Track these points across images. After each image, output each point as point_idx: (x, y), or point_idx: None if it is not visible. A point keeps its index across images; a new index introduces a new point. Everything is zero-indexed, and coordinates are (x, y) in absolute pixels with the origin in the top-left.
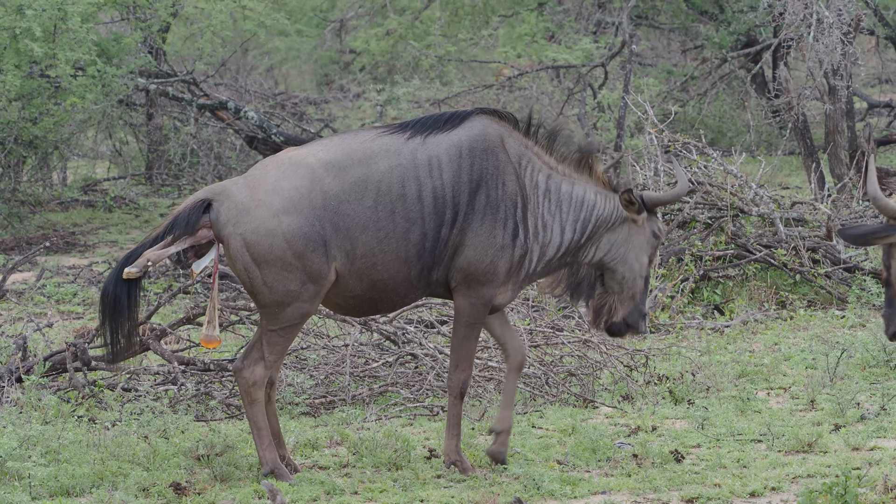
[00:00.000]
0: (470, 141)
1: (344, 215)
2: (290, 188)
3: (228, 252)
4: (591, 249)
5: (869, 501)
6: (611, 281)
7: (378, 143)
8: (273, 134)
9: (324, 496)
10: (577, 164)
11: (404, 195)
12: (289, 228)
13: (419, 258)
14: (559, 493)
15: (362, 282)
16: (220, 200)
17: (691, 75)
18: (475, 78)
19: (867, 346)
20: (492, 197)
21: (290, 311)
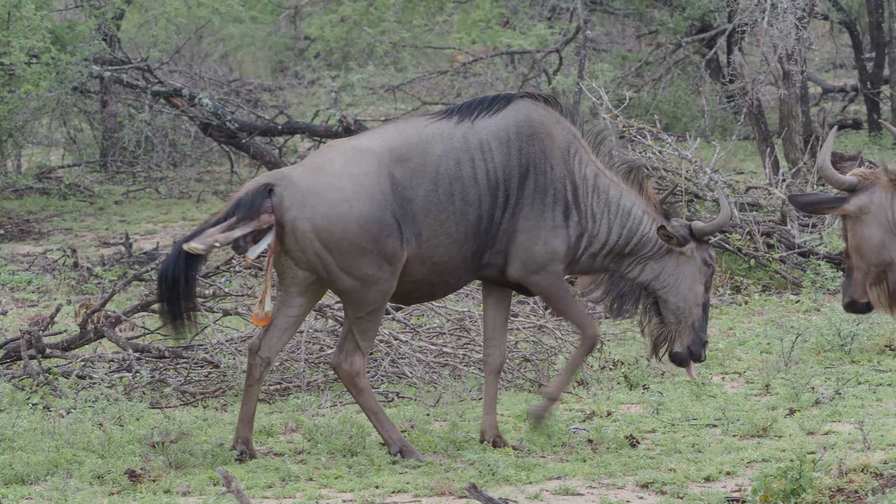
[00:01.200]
0: (517, 126)
1: (409, 200)
2: (359, 173)
3: (295, 238)
4: (636, 267)
5: (823, 485)
6: (665, 311)
7: (431, 129)
8: (228, 121)
9: (279, 483)
10: (626, 176)
11: (461, 177)
12: (361, 213)
13: (475, 239)
14: (514, 479)
15: (424, 265)
16: (283, 185)
17: (646, 61)
18: (430, 64)
19: (822, 331)
20: (539, 182)
21: (371, 295)
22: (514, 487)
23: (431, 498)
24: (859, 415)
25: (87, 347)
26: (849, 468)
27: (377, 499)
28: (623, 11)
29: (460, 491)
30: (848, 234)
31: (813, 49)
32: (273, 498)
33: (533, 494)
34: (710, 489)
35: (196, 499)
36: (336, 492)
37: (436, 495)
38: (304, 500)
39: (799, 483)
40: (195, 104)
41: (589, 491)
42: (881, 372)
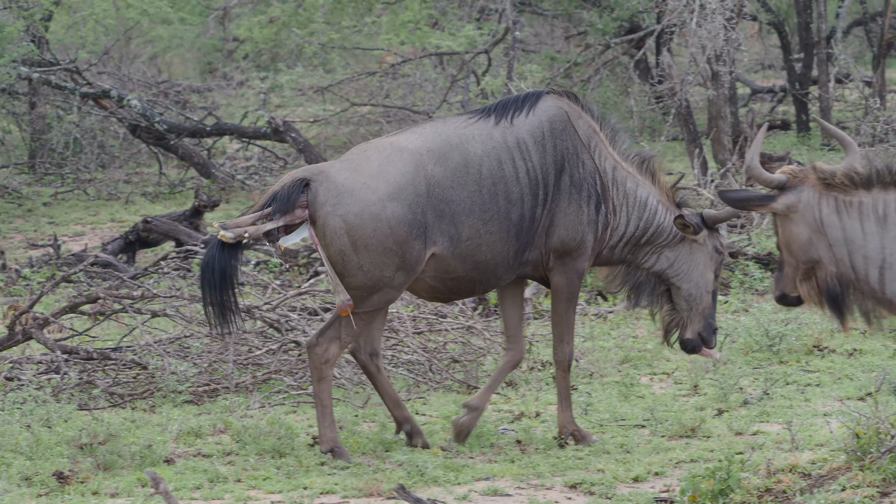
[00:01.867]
0: (550, 122)
1: (448, 201)
2: (395, 173)
3: (324, 233)
4: (652, 256)
5: (752, 486)
6: (678, 298)
7: (471, 129)
8: (156, 122)
9: (207, 484)
10: (640, 166)
11: (504, 177)
12: (393, 214)
13: (518, 238)
14: (443, 480)
15: (466, 263)
16: (319, 181)
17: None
18: (359, 65)
19: (750, 331)
20: (575, 176)
21: (377, 297)
22: (442, 488)
23: (360, 499)
24: (787, 415)
25: (15, 349)
26: (777, 468)
27: (306, 500)
28: (552, 12)
29: (389, 492)
30: (778, 230)
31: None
32: (201, 499)
33: (461, 495)
34: (639, 489)
35: (124, 500)
36: (264, 493)
37: (364, 496)
38: (233, 502)
39: (727, 483)
40: (124, 106)
41: (517, 492)
42: (809, 372)
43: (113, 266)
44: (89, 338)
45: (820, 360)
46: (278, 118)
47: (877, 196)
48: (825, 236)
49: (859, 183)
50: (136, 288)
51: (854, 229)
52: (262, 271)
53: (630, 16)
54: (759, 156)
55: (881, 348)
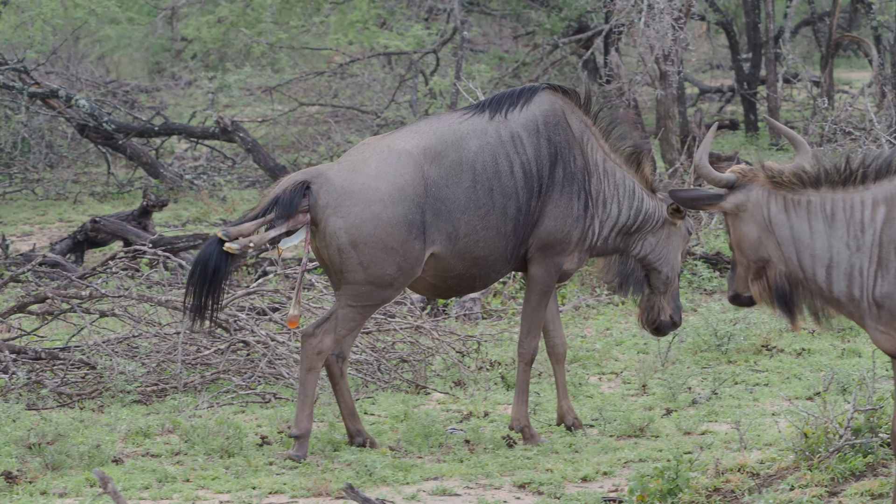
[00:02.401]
0: (544, 116)
1: (445, 199)
2: (394, 174)
3: (324, 234)
4: (639, 243)
5: (700, 485)
6: (656, 281)
7: (465, 125)
8: (104, 122)
9: (156, 484)
10: (628, 158)
11: (499, 172)
12: (394, 214)
13: (515, 232)
14: (391, 480)
15: (465, 260)
16: (319, 183)
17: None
18: (307, 65)
19: (698, 331)
20: (568, 169)
21: (376, 294)
22: (391, 488)
23: (308, 499)
24: (736, 415)
25: None
26: (725, 468)
27: (254, 500)
28: (500, 12)
29: (337, 492)
30: (729, 229)
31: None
32: (150, 499)
33: (410, 495)
34: (587, 489)
35: (73, 500)
36: (213, 493)
37: (313, 496)
38: (181, 502)
39: (676, 483)
40: (72, 105)
41: (466, 491)
42: (757, 372)
43: (61, 266)
44: (37, 337)
45: (768, 360)
46: (226, 118)
47: (825, 195)
48: (774, 235)
49: (808, 182)
50: (84, 288)
51: (802, 228)
52: None
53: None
54: (708, 155)
55: (829, 348)
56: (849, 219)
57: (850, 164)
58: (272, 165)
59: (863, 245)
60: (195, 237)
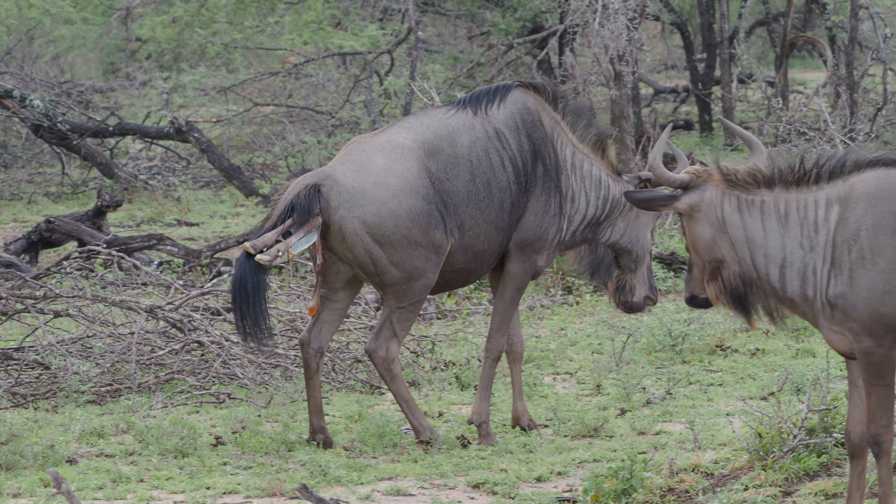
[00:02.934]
0: (521, 114)
1: (449, 192)
2: (402, 170)
3: (343, 236)
4: (608, 230)
5: (654, 485)
6: (627, 261)
7: (454, 121)
8: (59, 122)
9: (110, 484)
10: (594, 146)
11: (492, 166)
12: (411, 208)
13: (508, 227)
14: (346, 480)
15: (466, 254)
16: (329, 185)
17: (478, 62)
18: (261, 65)
19: (653, 331)
20: (547, 166)
21: (417, 286)
22: (345, 488)
23: (263, 499)
24: (690, 415)
25: None
26: (679, 468)
27: (208, 500)
28: (455, 13)
29: (292, 492)
30: (685, 230)
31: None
32: (104, 499)
33: (364, 495)
34: (542, 489)
35: (26, 500)
36: (167, 493)
37: (267, 496)
38: (135, 502)
39: (630, 483)
40: (26, 105)
41: (420, 491)
42: (712, 372)
43: (15, 266)
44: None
45: (723, 360)
46: (181, 118)
47: (779, 195)
48: (728, 235)
49: (762, 182)
50: (38, 288)
51: (755, 228)
52: (164, 271)
53: (533, 16)
54: (662, 156)
55: (784, 348)
56: (802, 219)
57: (804, 165)
58: (227, 166)
59: (816, 245)
60: (150, 237)
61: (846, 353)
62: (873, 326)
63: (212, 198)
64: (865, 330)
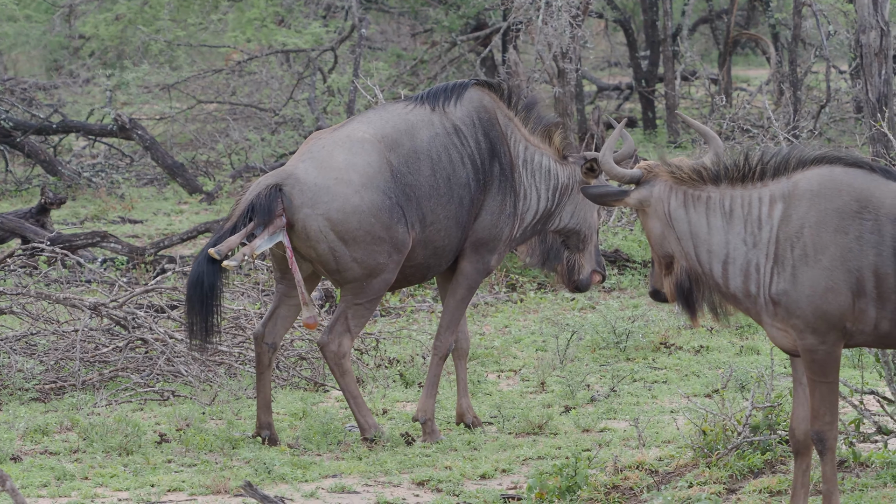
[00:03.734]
0: (477, 112)
1: (411, 185)
2: (363, 164)
3: (307, 234)
4: (557, 218)
5: (599, 482)
6: (575, 241)
7: (413, 116)
8: (2, 119)
9: (54, 482)
10: (542, 135)
11: (452, 161)
12: (373, 203)
13: (467, 223)
14: (290, 477)
15: (426, 249)
16: (290, 184)
17: (421, 59)
18: (205, 63)
19: (597, 329)
20: (503, 165)
21: (376, 283)
22: (289, 486)
23: (207, 496)
24: (634, 412)
25: None
26: (624, 465)
27: (153, 497)
28: (398, 10)
29: (236, 489)
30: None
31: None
32: (48, 497)
33: (309, 493)
34: (486, 486)
35: None
36: (112, 490)
37: (212, 493)
38: (80, 499)
39: (574, 480)
40: None
41: (365, 489)
42: (656, 369)
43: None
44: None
45: (667, 357)
46: (124, 116)
47: (724, 191)
48: (674, 230)
49: (707, 178)
50: None
51: (699, 223)
52: (108, 269)
53: (476, 13)
54: (612, 152)
55: (728, 345)
56: (746, 215)
57: (748, 161)
58: (170, 163)
59: (759, 241)
60: (93, 235)
61: (790, 350)
62: (816, 324)
63: (155, 195)
64: (809, 327)
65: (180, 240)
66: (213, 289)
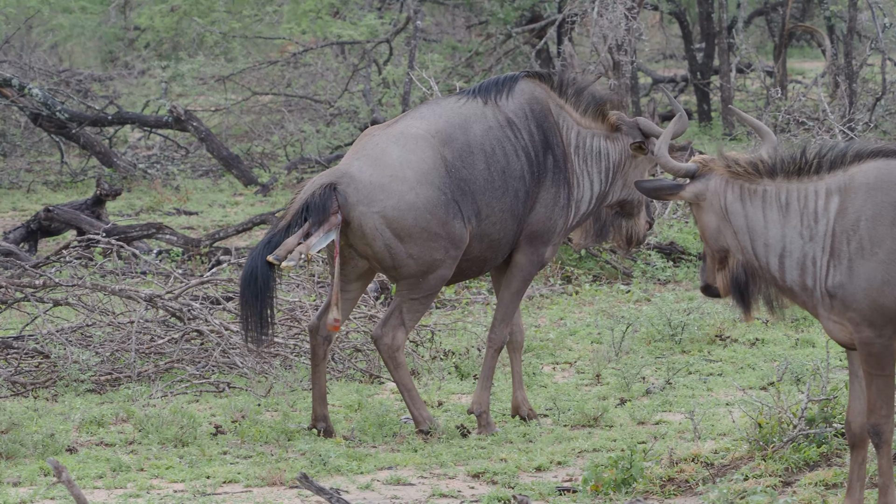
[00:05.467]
0: (529, 103)
1: (465, 180)
2: (417, 161)
3: (363, 232)
4: (611, 194)
5: (654, 475)
6: (629, 208)
7: (465, 109)
8: (58, 111)
9: (110, 473)
10: (594, 115)
11: (506, 154)
12: (428, 199)
13: (523, 215)
14: (346, 469)
15: (482, 243)
16: (345, 182)
17: (476, 51)
18: (260, 54)
19: (652, 321)
20: (556, 157)
21: (432, 279)
22: (345, 477)
23: (263, 488)
24: (689, 404)
25: None
26: (679, 458)
27: (208, 489)
28: (453, 2)
29: (291, 481)
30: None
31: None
32: (104, 488)
33: (364, 484)
34: (542, 479)
35: (26, 489)
36: (167, 482)
37: (267, 485)
38: (135, 491)
39: (630, 472)
40: (25, 94)
41: (420, 481)
42: (711, 362)
43: (14, 255)
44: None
45: (722, 350)
46: (179, 107)
47: (780, 185)
48: (730, 224)
49: (764, 171)
50: (37, 276)
51: (756, 217)
52: (163, 260)
53: (531, 5)
54: (668, 145)
55: (783, 338)
56: (803, 208)
57: (805, 155)
58: (225, 155)
59: (816, 235)
60: (148, 226)
61: (846, 343)
62: (873, 317)
63: (210, 187)
64: (865, 320)
65: (235, 231)
66: (266, 283)
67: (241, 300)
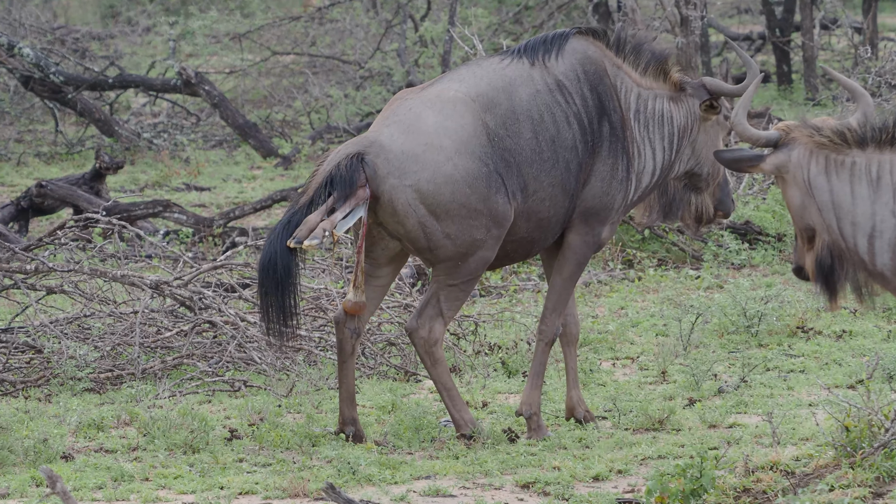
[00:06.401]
0: (581, 64)
1: (510, 150)
2: (455, 127)
3: (393, 208)
4: (677, 164)
5: (727, 485)
6: (697, 182)
7: (510, 71)
8: (51, 73)
9: (110, 483)
10: (655, 73)
11: (555, 121)
12: (468, 171)
13: (576, 190)
14: (377, 479)
15: (529, 222)
16: (374, 152)
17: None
18: (280, 9)
19: (725, 311)
20: (613, 123)
21: (473, 262)
22: (377, 488)
23: (283, 500)
24: (767, 405)
25: None
26: (756, 465)
27: (222, 501)
28: None
29: (316, 492)
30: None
31: None
32: (104, 500)
33: (398, 496)
34: (600, 490)
35: (16, 501)
36: (175, 493)
37: (289, 497)
38: (139, 503)
39: (700, 482)
40: (15, 54)
41: (462, 492)
42: (792, 357)
43: (3, 236)
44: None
45: (804, 344)
46: (190, 69)
47: (871, 156)
48: (814, 199)
49: (852, 141)
50: (29, 261)
51: (843, 192)
52: (171, 242)
53: None
54: (746, 112)
55: (873, 330)
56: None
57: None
58: (241, 122)
59: None
60: (155, 204)
61: None
62: None
63: (224, 159)
64: None
65: (253, 209)
66: (288, 270)
67: (260, 289)
